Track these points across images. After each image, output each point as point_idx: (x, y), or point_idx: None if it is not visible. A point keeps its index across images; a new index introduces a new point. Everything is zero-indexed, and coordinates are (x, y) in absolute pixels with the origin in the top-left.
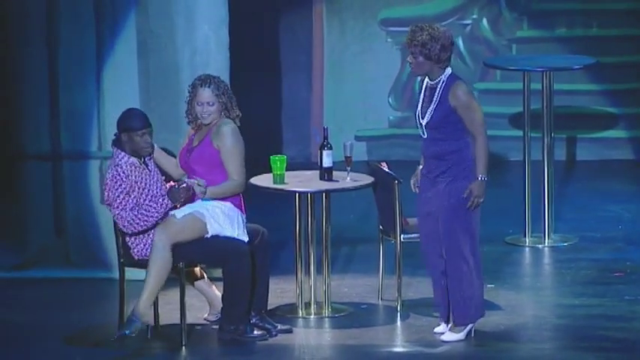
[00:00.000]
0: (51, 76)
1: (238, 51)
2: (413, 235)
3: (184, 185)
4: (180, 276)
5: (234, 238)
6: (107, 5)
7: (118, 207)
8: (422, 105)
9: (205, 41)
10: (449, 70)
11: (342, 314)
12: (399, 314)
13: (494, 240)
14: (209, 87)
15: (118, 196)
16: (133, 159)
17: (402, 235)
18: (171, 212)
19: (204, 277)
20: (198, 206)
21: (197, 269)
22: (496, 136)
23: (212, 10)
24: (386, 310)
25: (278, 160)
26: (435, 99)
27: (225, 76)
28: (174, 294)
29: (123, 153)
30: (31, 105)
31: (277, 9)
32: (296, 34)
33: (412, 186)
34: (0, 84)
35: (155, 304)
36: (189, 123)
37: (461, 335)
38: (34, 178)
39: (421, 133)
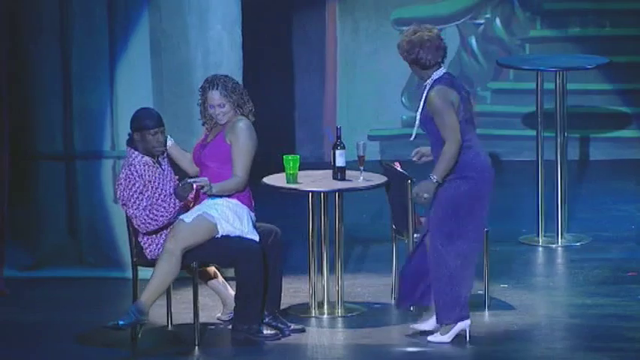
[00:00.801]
0: (64, 75)
1: (251, 51)
2: None
3: (188, 182)
4: (193, 276)
5: (245, 238)
6: (120, 5)
7: (132, 206)
8: (420, 108)
9: (218, 41)
10: (437, 73)
11: (354, 314)
12: (412, 314)
13: (507, 239)
14: (217, 89)
15: (132, 195)
16: (146, 158)
17: (415, 235)
18: (181, 216)
19: (218, 277)
20: (206, 207)
21: (211, 268)
22: (509, 136)
23: (225, 9)
24: (399, 309)
25: (291, 160)
26: (421, 102)
27: (238, 76)
28: (187, 293)
29: (136, 152)
30: (45, 105)
31: (290, 8)
32: (309, 34)
33: (414, 154)
34: (13, 84)
35: (168, 304)
36: (203, 124)
37: (445, 338)
38: (48, 178)
39: (412, 135)
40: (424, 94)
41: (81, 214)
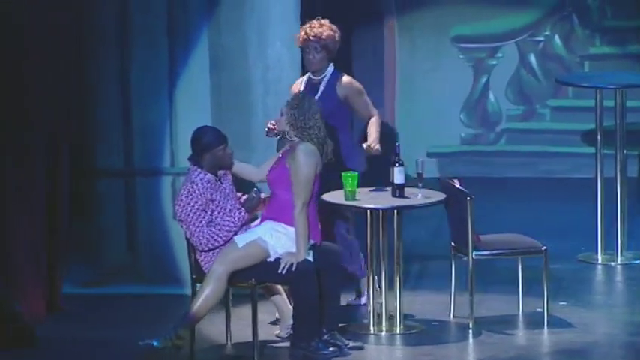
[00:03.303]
0: (124, 92)
1: None
2: (485, 252)
3: (255, 195)
4: (252, 292)
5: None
6: (180, 21)
7: (194, 224)
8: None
9: (277, 57)
10: (332, 67)
11: (413, 331)
12: (470, 331)
13: (566, 257)
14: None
15: (195, 213)
16: (209, 176)
17: (474, 252)
18: (235, 237)
19: (281, 293)
20: (263, 231)
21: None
22: (568, 153)
23: (284, 26)
24: (458, 327)
25: (350, 177)
26: (318, 94)
27: None
28: (246, 310)
29: (199, 170)
30: (105, 122)
31: (349, 25)
32: (367, 51)
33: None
34: (74, 101)
35: (227, 321)
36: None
37: None
38: (108, 195)
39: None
40: (324, 84)
41: (140, 230)
